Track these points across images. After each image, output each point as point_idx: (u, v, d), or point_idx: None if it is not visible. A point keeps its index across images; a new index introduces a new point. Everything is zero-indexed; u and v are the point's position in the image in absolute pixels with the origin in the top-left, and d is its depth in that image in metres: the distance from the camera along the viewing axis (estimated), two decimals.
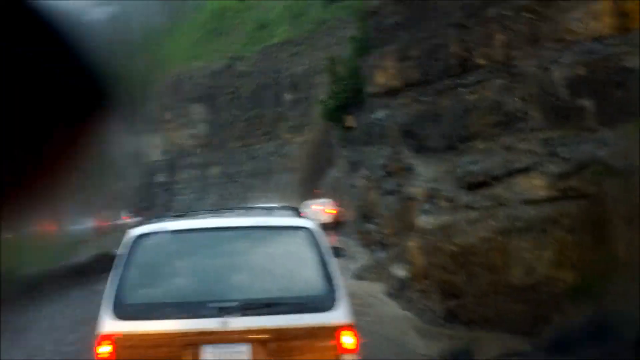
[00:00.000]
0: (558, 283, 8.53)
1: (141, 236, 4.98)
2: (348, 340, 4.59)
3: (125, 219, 45.41)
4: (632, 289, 7.27)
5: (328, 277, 4.76)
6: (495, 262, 9.28)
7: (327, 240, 5.12)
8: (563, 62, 9.17)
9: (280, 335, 4.56)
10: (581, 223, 8.52)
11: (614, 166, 8.12)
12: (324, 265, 4.81)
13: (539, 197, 9.07)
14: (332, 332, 4.58)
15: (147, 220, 5.57)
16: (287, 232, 5.16)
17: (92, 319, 4.85)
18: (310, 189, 34.57)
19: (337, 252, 6.59)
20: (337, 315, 4.63)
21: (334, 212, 27.70)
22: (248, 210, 6.17)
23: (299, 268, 4.98)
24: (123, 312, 4.61)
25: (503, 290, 9.07)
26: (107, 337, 4.53)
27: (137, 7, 69.88)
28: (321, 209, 27.32)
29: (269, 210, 5.93)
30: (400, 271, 13.13)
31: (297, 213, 5.77)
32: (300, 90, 44.92)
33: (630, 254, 7.54)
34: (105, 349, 4.51)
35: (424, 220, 11.40)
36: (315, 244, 4.91)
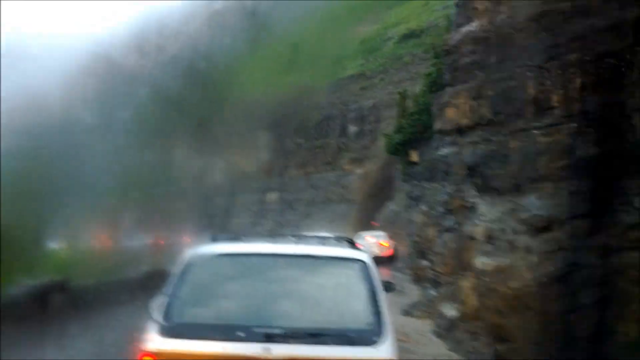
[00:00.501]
0: (619, 335, 8.18)
1: (195, 256, 5.06)
2: None
3: (186, 239, 46.18)
4: None
5: (376, 312, 4.71)
6: (551, 308, 8.97)
7: (378, 274, 5.06)
8: None
9: None
10: None
11: None
12: (373, 299, 4.78)
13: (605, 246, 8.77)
14: None
15: (203, 241, 5.64)
16: (339, 263, 5.12)
17: (137, 334, 4.89)
18: (367, 221, 34.55)
19: (387, 286, 6.51)
20: (383, 351, 4.57)
21: (388, 245, 27.52)
22: (303, 238, 6.15)
23: (348, 300, 4.93)
24: (168, 329, 4.63)
25: (557, 339, 8.75)
26: (150, 354, 4.57)
27: (215, 35, 72.06)
28: (376, 241, 27.19)
29: (323, 240, 5.90)
30: (450, 310, 12.85)
31: (352, 244, 5.73)
32: (366, 123, 45.26)
33: None
34: None
35: (481, 261, 11.17)
36: (367, 277, 4.89)
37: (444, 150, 14.58)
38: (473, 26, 12.74)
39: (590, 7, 9.81)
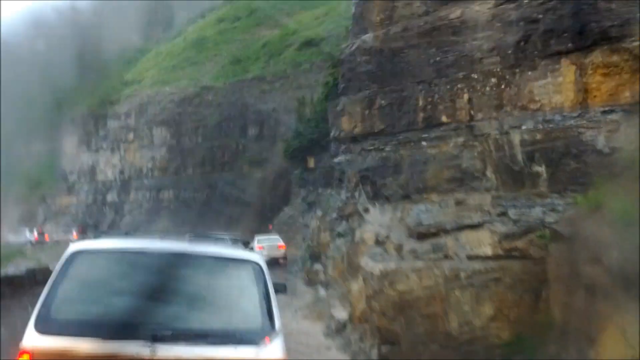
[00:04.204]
0: (493, 338, 8.70)
1: (78, 253, 4.83)
2: None
3: (73, 236, 44.35)
4: (564, 353, 7.47)
5: (267, 312, 4.71)
6: (434, 311, 9.42)
7: (270, 276, 5.05)
8: (523, 128, 9.52)
9: None
10: (522, 283, 8.76)
11: (559, 232, 8.39)
12: (265, 300, 4.77)
13: (484, 254, 9.30)
14: None
15: (89, 237, 5.44)
16: (232, 264, 5.05)
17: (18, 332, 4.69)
18: (263, 223, 34.61)
19: (279, 288, 6.59)
20: (272, 352, 4.55)
21: (284, 248, 27.71)
22: (197, 237, 6.05)
23: (239, 300, 4.88)
24: (46, 326, 4.43)
25: (439, 340, 9.19)
26: (27, 351, 4.36)
27: (116, 25, 70.17)
28: (271, 244, 27.30)
29: (217, 240, 5.85)
30: (340, 313, 13.17)
31: (246, 245, 5.70)
32: (265, 126, 45.33)
33: (565, 318, 7.75)
34: None
35: (370, 265, 11.49)
36: (259, 278, 4.87)
37: (339, 158, 14.88)
38: (368, 37, 13.07)
39: (476, 28, 10.35)
